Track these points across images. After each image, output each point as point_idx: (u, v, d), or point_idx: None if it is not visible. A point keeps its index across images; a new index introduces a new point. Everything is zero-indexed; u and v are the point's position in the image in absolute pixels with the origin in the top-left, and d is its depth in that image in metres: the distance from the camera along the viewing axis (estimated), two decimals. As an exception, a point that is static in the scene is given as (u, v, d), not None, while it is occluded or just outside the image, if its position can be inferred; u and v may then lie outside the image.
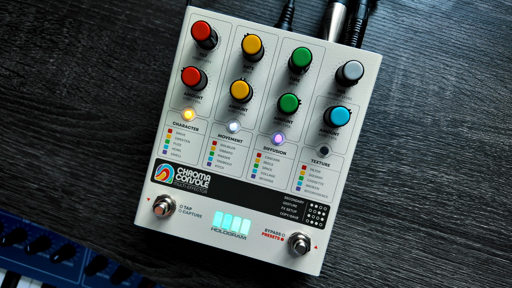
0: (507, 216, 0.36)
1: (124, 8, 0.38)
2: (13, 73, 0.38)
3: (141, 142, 0.37)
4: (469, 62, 0.37)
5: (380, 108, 0.36)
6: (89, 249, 0.42)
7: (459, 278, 0.36)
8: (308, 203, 0.31)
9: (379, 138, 0.36)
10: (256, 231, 0.32)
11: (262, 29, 0.30)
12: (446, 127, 0.36)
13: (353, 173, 0.36)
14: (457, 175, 0.36)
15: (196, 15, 0.30)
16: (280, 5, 0.37)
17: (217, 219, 0.32)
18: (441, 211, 0.36)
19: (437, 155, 0.36)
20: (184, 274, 0.37)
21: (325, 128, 0.31)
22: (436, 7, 0.37)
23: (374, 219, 0.36)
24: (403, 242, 0.36)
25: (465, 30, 0.37)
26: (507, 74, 0.36)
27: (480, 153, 0.36)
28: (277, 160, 0.31)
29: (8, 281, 0.46)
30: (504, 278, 0.35)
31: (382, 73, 0.37)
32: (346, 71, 0.28)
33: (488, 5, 0.37)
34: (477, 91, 0.36)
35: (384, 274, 0.36)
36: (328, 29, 0.33)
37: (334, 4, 0.34)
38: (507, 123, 0.36)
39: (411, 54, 0.37)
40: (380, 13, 0.37)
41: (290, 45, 0.30)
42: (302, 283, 0.36)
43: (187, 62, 0.31)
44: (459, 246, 0.36)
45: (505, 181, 0.36)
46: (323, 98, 0.31)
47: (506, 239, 0.36)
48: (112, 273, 0.42)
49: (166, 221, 0.32)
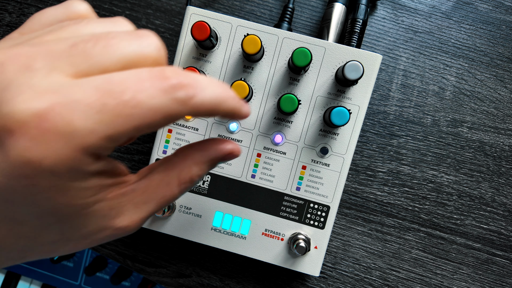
0: (507, 216, 0.36)
1: (124, 8, 0.38)
2: (13, 73, 0.38)
3: (141, 142, 0.37)
4: (469, 62, 0.37)
5: (380, 108, 0.36)
6: (89, 249, 0.42)
7: (459, 278, 0.36)
8: (308, 203, 0.31)
9: (379, 138, 0.36)
10: (256, 231, 0.32)
11: (262, 29, 0.30)
12: (446, 127, 0.36)
13: (353, 173, 0.36)
14: (457, 175, 0.36)
15: (196, 15, 0.30)
16: (280, 5, 0.37)
17: (217, 219, 0.32)
18: (441, 211, 0.36)
19: (437, 155, 0.36)
20: (184, 274, 0.37)
21: (325, 128, 0.31)
22: (436, 7, 0.37)
23: (374, 219, 0.36)
24: (403, 242, 0.36)
25: (465, 30, 0.37)
26: (507, 74, 0.36)
27: (480, 153, 0.36)
28: (277, 160, 0.31)
29: (8, 281, 0.46)
30: (504, 278, 0.35)
31: (382, 73, 0.37)
32: (346, 71, 0.28)
33: (488, 5, 0.37)
34: (477, 91, 0.36)
35: (384, 274, 0.36)
36: (328, 29, 0.33)
37: (334, 4, 0.34)
38: (507, 123, 0.36)
39: (411, 54, 0.37)
40: (380, 13, 0.37)
41: (290, 45, 0.30)
42: (302, 283, 0.36)
43: (187, 62, 0.31)
44: (459, 246, 0.36)
45: (505, 181, 0.36)
46: (323, 98, 0.31)
47: (506, 239, 0.36)
48: (112, 273, 0.42)
49: (166, 221, 0.32)
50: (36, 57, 0.13)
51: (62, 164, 0.13)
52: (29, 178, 0.13)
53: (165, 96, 0.13)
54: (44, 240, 0.15)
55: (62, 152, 0.12)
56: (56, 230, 0.15)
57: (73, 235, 0.16)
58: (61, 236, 0.16)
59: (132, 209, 0.17)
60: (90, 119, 0.13)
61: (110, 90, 0.13)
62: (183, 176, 0.18)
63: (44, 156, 0.12)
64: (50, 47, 0.14)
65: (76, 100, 0.12)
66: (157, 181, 0.17)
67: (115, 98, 0.13)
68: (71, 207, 0.15)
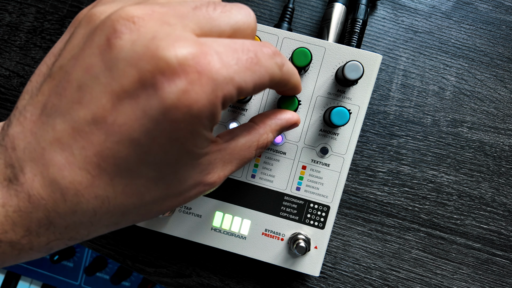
0: (507, 216, 0.36)
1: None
2: (13, 73, 0.38)
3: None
4: (469, 62, 0.37)
5: (380, 108, 0.36)
6: (89, 249, 0.42)
7: (459, 278, 0.36)
8: (308, 203, 0.31)
9: (379, 138, 0.36)
10: (256, 231, 0.32)
11: (262, 29, 0.30)
12: (446, 127, 0.36)
13: (353, 173, 0.36)
14: (457, 175, 0.36)
15: (196, 15, 0.30)
16: (280, 5, 0.37)
17: (217, 219, 0.32)
18: (441, 211, 0.36)
19: (437, 155, 0.36)
20: (184, 274, 0.37)
21: (325, 128, 0.31)
22: (436, 7, 0.37)
23: (374, 219, 0.36)
24: (403, 242, 0.36)
25: (465, 30, 0.37)
26: (507, 74, 0.36)
27: (480, 153, 0.36)
28: (277, 160, 0.31)
29: (8, 281, 0.46)
30: (504, 278, 0.35)
31: (382, 73, 0.37)
32: (346, 71, 0.28)
33: (488, 5, 0.37)
34: (477, 91, 0.36)
35: (384, 274, 0.36)
36: (328, 29, 0.33)
37: (334, 4, 0.34)
38: (507, 123, 0.36)
39: (411, 54, 0.37)
40: (380, 13, 0.37)
41: (290, 45, 0.30)
42: (302, 283, 0.36)
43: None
44: (459, 246, 0.36)
45: (505, 181, 0.36)
46: (323, 98, 0.31)
47: (506, 239, 0.36)
48: (112, 273, 0.42)
49: (166, 221, 0.32)
50: (168, 15, 0.14)
51: (208, 109, 0.14)
52: (177, 122, 0.13)
53: (271, 59, 0.16)
54: (148, 198, 0.16)
55: (210, 97, 0.14)
56: (164, 184, 0.16)
57: (174, 189, 0.17)
58: (165, 192, 0.16)
59: (221, 166, 0.18)
60: (231, 68, 0.14)
61: (239, 48, 0.15)
62: (261, 141, 0.20)
63: (197, 99, 0.13)
64: (176, 8, 0.15)
65: (219, 52, 0.14)
66: (241, 143, 0.19)
67: (245, 54, 0.15)
68: (191, 155, 0.15)
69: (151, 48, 0.13)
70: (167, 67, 0.12)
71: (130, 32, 0.13)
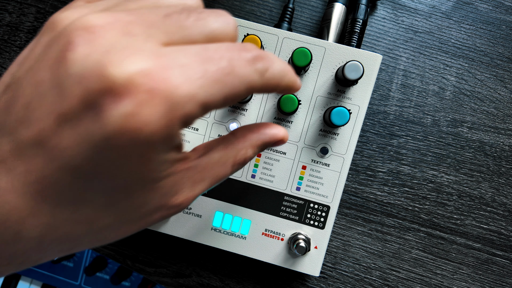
0: (507, 216, 0.36)
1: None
2: (13, 73, 0.38)
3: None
4: (469, 62, 0.37)
5: (380, 108, 0.36)
6: (89, 249, 0.42)
7: (459, 278, 0.36)
8: (308, 203, 0.31)
9: (379, 138, 0.36)
10: (256, 231, 0.32)
11: (262, 29, 0.30)
12: (446, 127, 0.36)
13: (353, 173, 0.36)
14: (457, 175, 0.36)
15: (196, 15, 0.30)
16: (280, 5, 0.37)
17: (217, 219, 0.32)
18: (441, 211, 0.36)
19: (437, 155, 0.36)
20: (184, 274, 0.37)
21: (325, 128, 0.31)
22: (436, 7, 0.37)
23: (374, 219, 0.36)
24: (403, 242, 0.36)
25: (465, 30, 0.37)
26: (507, 74, 0.36)
27: (480, 153, 0.36)
28: (277, 160, 0.31)
29: (8, 281, 0.46)
30: (504, 278, 0.35)
31: (382, 73, 0.37)
32: (346, 71, 0.28)
33: (488, 5, 0.37)
34: (477, 91, 0.36)
35: (384, 274, 0.36)
36: (328, 29, 0.33)
37: (334, 4, 0.34)
38: (507, 123, 0.36)
39: (411, 54, 0.37)
40: (380, 13, 0.37)
41: (290, 45, 0.30)
42: (302, 283, 0.36)
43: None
44: (459, 246, 0.36)
45: (505, 181, 0.36)
46: (323, 98, 0.31)
47: (506, 239, 0.36)
48: (112, 273, 0.42)
49: (166, 221, 0.32)
50: (133, 24, 0.13)
51: (161, 133, 0.12)
52: (122, 149, 0.12)
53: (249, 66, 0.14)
54: (100, 225, 0.15)
55: (163, 119, 0.12)
56: (117, 210, 0.15)
57: (131, 215, 0.15)
58: (119, 218, 0.15)
59: (189, 186, 0.16)
60: (194, 83, 0.12)
61: (209, 57, 0.13)
62: (239, 157, 0.18)
63: (146, 123, 0.12)
64: (144, 16, 0.13)
65: (183, 64, 0.12)
66: (216, 159, 0.17)
67: (214, 64, 0.13)
68: (144, 180, 0.14)
69: (102, 63, 0.11)
70: (112, 86, 0.11)
71: (85, 44, 0.12)
